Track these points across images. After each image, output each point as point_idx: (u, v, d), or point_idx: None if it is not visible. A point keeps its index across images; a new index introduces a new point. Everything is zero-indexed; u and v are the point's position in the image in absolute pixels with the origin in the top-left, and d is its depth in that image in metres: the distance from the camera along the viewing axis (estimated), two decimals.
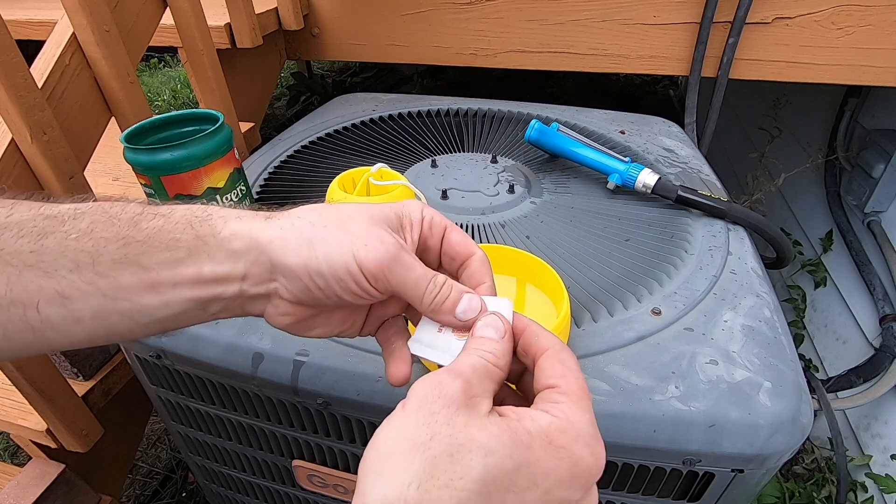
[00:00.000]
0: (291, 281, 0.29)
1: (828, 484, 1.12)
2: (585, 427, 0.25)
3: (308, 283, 0.29)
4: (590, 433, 0.25)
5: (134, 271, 0.27)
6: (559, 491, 0.23)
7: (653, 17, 1.03)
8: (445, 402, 0.23)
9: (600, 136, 0.91)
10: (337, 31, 1.21)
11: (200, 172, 0.56)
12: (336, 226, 0.29)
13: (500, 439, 0.23)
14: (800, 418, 0.46)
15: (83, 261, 0.26)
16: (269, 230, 0.29)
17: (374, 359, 0.51)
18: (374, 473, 0.22)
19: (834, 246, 1.30)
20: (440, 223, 0.33)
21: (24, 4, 1.15)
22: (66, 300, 0.26)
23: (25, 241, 0.25)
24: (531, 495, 0.22)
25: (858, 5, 0.93)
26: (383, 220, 0.31)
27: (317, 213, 0.30)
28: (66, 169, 0.66)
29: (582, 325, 0.53)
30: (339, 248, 0.28)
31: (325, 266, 0.28)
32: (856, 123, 1.28)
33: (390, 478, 0.22)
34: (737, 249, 0.65)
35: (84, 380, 0.76)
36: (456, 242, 0.32)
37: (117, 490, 0.89)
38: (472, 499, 0.21)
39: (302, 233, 0.29)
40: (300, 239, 0.29)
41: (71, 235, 0.26)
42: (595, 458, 0.24)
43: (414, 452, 0.22)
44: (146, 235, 0.27)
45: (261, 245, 0.29)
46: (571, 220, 0.70)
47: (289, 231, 0.29)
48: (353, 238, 0.29)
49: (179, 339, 0.54)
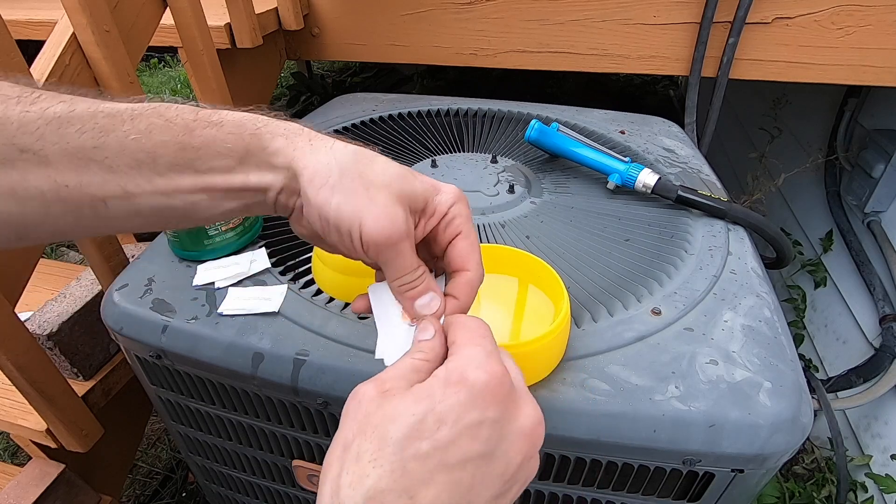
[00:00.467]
0: (308, 207, 0.31)
1: (828, 484, 1.12)
2: (475, 356, 0.27)
3: (315, 219, 0.31)
4: (479, 358, 0.27)
5: (189, 174, 0.30)
6: (468, 415, 0.25)
7: (653, 17, 1.03)
8: (359, 402, 0.27)
9: (600, 136, 0.91)
10: (337, 31, 1.21)
11: None
12: (362, 186, 0.30)
13: (403, 402, 0.25)
14: (800, 418, 0.46)
15: (143, 160, 0.28)
16: (306, 157, 0.31)
17: (374, 359, 0.50)
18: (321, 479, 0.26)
19: (834, 246, 1.30)
20: (456, 228, 0.33)
21: (24, 4, 1.15)
22: (130, 196, 0.29)
23: (88, 136, 0.27)
24: (443, 433, 0.24)
25: (858, 5, 0.93)
26: (410, 198, 0.31)
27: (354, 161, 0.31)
28: None
29: (582, 325, 0.53)
30: (353, 207, 0.30)
31: (333, 216, 0.30)
32: (856, 123, 1.28)
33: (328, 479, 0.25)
34: (737, 249, 0.65)
35: (84, 380, 0.76)
36: (458, 253, 0.33)
37: (117, 490, 0.89)
38: (391, 461, 0.24)
39: (331, 174, 0.30)
40: (327, 180, 0.30)
41: (130, 136, 0.28)
42: (488, 374, 0.26)
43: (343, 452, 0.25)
44: (201, 142, 0.30)
45: (296, 169, 0.31)
46: (571, 220, 0.70)
47: (322, 167, 0.31)
48: (369, 205, 0.30)
49: (179, 339, 0.54)
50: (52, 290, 0.88)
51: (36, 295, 0.86)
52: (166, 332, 0.54)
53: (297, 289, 0.58)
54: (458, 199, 0.34)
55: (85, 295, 0.77)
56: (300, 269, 0.62)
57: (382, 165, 0.32)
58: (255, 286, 0.58)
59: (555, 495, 0.53)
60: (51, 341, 0.71)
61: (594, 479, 0.50)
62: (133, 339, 0.56)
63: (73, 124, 0.27)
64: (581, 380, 0.48)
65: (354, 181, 0.30)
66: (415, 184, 0.32)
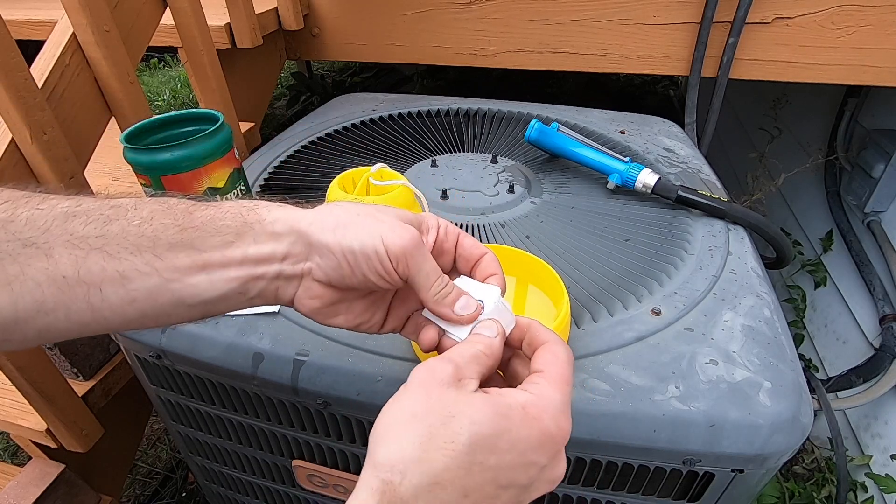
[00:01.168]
0: (325, 258, 0.32)
1: (828, 484, 1.12)
2: (556, 404, 0.29)
3: (340, 259, 0.32)
4: (558, 409, 0.29)
5: (188, 253, 0.30)
6: (531, 454, 0.28)
7: (653, 17, 1.03)
8: (438, 383, 0.28)
9: (600, 136, 0.91)
10: (337, 31, 1.21)
11: (200, 172, 0.56)
12: (367, 214, 0.33)
13: (484, 411, 0.27)
14: (800, 418, 0.46)
15: (143, 245, 0.29)
16: (308, 216, 0.33)
17: (374, 359, 0.51)
18: (382, 439, 0.27)
19: (834, 246, 1.30)
20: (454, 231, 0.37)
21: (24, 4, 1.15)
22: (126, 280, 0.29)
23: (92, 227, 0.28)
24: (509, 456, 0.27)
25: (858, 5, 0.93)
26: (410, 219, 0.35)
27: (352, 205, 0.34)
28: (66, 169, 0.66)
29: (582, 325, 0.53)
30: (370, 231, 0.32)
31: (356, 244, 0.32)
32: (856, 123, 1.28)
33: (394, 442, 0.26)
34: (737, 249, 0.65)
35: (84, 380, 0.76)
36: (469, 246, 0.37)
37: (117, 490, 0.89)
38: (461, 458, 0.26)
39: (339, 217, 0.33)
40: (337, 222, 0.32)
41: (133, 222, 0.29)
42: (559, 430, 0.29)
43: (413, 422, 0.27)
44: (200, 222, 0.31)
45: (300, 228, 0.32)
46: (571, 220, 0.70)
47: (327, 216, 0.33)
48: (382, 225, 0.32)
49: (179, 339, 0.54)
50: None
51: None
52: (166, 332, 0.54)
53: None
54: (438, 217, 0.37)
55: None
56: None
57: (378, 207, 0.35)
58: None
59: (555, 495, 0.53)
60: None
61: (594, 479, 0.50)
62: (133, 339, 0.56)
63: (79, 217, 0.28)
64: (581, 380, 0.48)
65: (361, 216, 0.33)
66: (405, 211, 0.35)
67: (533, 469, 0.28)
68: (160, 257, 0.30)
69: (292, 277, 0.33)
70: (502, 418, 0.27)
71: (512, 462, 0.27)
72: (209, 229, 0.31)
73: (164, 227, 0.30)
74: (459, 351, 0.31)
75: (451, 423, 0.27)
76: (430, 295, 0.33)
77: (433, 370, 0.29)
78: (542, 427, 0.28)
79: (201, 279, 0.31)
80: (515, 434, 0.27)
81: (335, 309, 0.35)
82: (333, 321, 0.36)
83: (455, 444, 0.26)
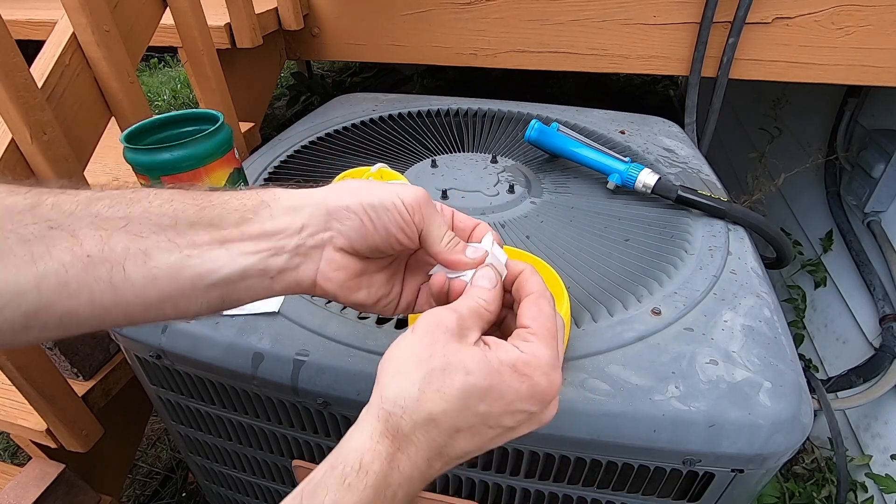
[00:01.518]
0: (346, 221, 0.34)
1: (828, 484, 1.12)
2: (546, 360, 0.32)
3: (361, 215, 0.34)
4: (549, 364, 0.32)
5: (207, 230, 0.32)
6: (519, 404, 0.31)
7: (653, 17, 1.03)
8: (443, 331, 0.31)
9: (600, 136, 0.91)
10: (337, 31, 1.21)
11: (200, 172, 0.56)
12: (377, 183, 0.36)
13: (479, 364, 0.30)
14: (800, 418, 0.46)
15: (165, 223, 0.30)
16: (323, 190, 0.35)
17: (374, 359, 0.51)
18: (391, 374, 0.31)
19: (834, 246, 1.30)
20: (448, 209, 0.40)
21: (24, 4, 1.15)
22: (147, 257, 0.30)
23: (116, 209, 0.30)
24: (498, 405, 0.31)
25: (858, 5, 0.93)
26: None
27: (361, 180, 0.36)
28: (66, 169, 0.66)
29: (582, 325, 0.53)
30: (386, 190, 0.35)
31: (375, 200, 0.34)
32: (856, 123, 1.28)
33: (402, 379, 0.30)
34: (737, 249, 0.65)
35: (84, 380, 0.76)
36: (463, 218, 0.39)
37: (117, 490, 0.89)
38: (454, 402, 0.30)
39: (353, 186, 0.35)
40: (352, 189, 0.35)
41: (154, 203, 0.31)
42: (550, 384, 0.32)
43: (419, 364, 0.30)
44: (219, 202, 0.32)
45: (316, 201, 0.34)
46: (571, 220, 0.70)
47: (340, 188, 0.35)
48: (393, 186, 0.35)
49: (179, 339, 0.54)
50: None
51: None
52: (166, 332, 0.54)
53: None
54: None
55: None
56: None
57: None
58: None
59: (555, 495, 0.53)
60: (51, 341, 0.71)
61: (594, 479, 0.50)
62: (133, 339, 0.56)
63: (103, 200, 0.30)
64: (581, 380, 0.48)
65: (372, 184, 0.35)
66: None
67: (521, 415, 0.32)
68: (180, 234, 0.31)
69: (313, 250, 0.34)
70: (494, 373, 0.31)
71: (501, 410, 0.31)
72: (227, 208, 0.32)
73: (185, 206, 0.31)
74: (464, 303, 0.33)
75: (449, 370, 0.30)
76: (443, 245, 0.36)
77: (440, 318, 0.32)
78: (531, 383, 0.31)
79: (220, 254, 0.32)
80: (505, 387, 0.31)
81: (358, 283, 0.36)
82: (356, 296, 0.37)
83: (450, 389, 0.30)
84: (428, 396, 0.30)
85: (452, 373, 0.30)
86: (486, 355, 0.31)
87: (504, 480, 0.52)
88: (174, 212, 0.31)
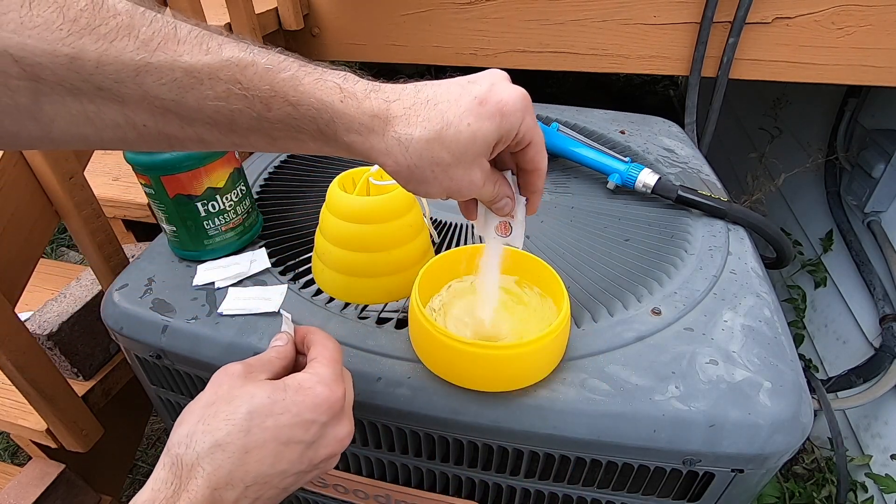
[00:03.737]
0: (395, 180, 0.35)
1: (828, 484, 1.12)
2: (326, 375, 0.36)
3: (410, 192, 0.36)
4: (330, 378, 0.36)
5: (262, 137, 0.32)
6: (307, 413, 0.34)
7: (653, 17, 1.03)
8: (228, 375, 0.35)
9: (600, 136, 0.91)
10: (337, 31, 1.21)
11: (200, 172, 0.56)
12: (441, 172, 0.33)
13: (263, 388, 0.34)
14: (800, 418, 0.46)
15: (220, 121, 0.30)
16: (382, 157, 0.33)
17: (374, 359, 0.51)
18: (178, 425, 0.33)
19: (834, 246, 1.30)
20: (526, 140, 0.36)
21: None
22: (205, 143, 0.31)
23: (166, 88, 0.28)
24: (284, 417, 0.33)
25: (858, 5, 0.93)
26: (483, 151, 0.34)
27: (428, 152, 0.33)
28: (66, 169, 0.66)
29: (582, 325, 0.53)
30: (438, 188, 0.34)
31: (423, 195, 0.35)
32: (856, 123, 1.28)
33: (185, 424, 0.33)
34: (737, 249, 0.65)
35: (84, 380, 0.76)
36: (530, 158, 0.37)
37: (117, 490, 0.89)
38: (241, 423, 0.32)
39: (412, 172, 0.33)
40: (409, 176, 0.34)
41: (208, 100, 0.29)
42: (331, 392, 0.35)
43: (204, 407, 0.34)
44: (276, 118, 0.31)
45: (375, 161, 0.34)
46: (571, 220, 0.70)
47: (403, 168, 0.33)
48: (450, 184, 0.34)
49: (179, 339, 0.54)
50: (52, 290, 0.88)
51: (36, 295, 0.86)
52: (166, 332, 0.54)
53: (297, 289, 0.58)
54: (524, 113, 0.34)
55: (85, 295, 0.77)
56: (300, 269, 0.62)
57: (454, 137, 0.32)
58: (255, 286, 0.58)
59: (555, 495, 0.53)
60: (51, 341, 0.71)
61: (594, 479, 0.50)
62: (133, 339, 0.56)
63: (151, 74, 0.27)
64: (581, 380, 0.48)
65: (433, 171, 0.33)
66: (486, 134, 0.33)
67: (313, 427, 0.34)
68: (236, 133, 0.31)
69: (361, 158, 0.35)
70: (279, 391, 0.34)
71: (289, 421, 0.33)
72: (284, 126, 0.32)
73: (241, 112, 0.30)
74: (256, 357, 0.38)
75: (234, 400, 0.33)
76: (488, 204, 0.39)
77: (227, 368, 0.36)
78: (314, 393, 0.34)
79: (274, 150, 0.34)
80: (290, 400, 0.34)
81: None
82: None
83: (236, 414, 0.32)
84: (213, 426, 0.32)
85: (237, 400, 0.33)
86: (272, 383, 0.35)
87: (504, 480, 0.52)
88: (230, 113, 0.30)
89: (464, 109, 0.32)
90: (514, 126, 0.34)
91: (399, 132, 0.32)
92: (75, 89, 0.26)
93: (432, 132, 0.32)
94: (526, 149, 0.36)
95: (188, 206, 0.58)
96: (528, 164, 0.38)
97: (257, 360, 0.37)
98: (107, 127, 0.28)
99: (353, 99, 0.32)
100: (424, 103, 0.33)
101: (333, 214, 0.55)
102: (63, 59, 0.25)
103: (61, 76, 0.26)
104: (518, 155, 0.37)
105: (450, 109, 0.32)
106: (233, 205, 0.61)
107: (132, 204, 0.91)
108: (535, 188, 0.39)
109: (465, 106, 0.32)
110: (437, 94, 0.33)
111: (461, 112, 0.32)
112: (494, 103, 0.33)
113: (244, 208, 0.62)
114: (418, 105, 0.33)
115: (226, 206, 0.60)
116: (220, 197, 0.59)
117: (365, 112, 0.32)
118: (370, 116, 0.32)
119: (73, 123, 0.27)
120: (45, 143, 0.28)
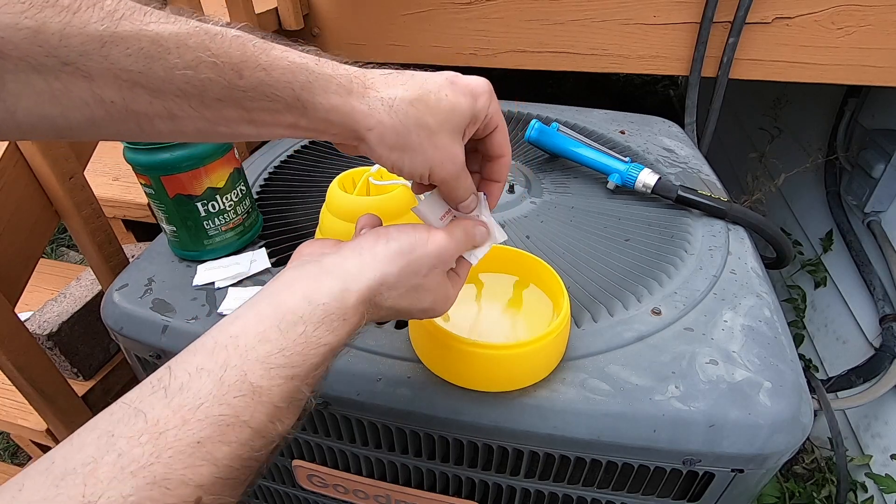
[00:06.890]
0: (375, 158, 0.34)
1: (828, 484, 1.12)
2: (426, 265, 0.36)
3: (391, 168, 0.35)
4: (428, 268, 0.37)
5: (235, 108, 0.31)
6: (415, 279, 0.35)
7: (653, 17, 1.03)
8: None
9: (600, 136, 0.91)
10: (337, 31, 1.21)
11: (200, 172, 0.56)
12: (426, 137, 0.33)
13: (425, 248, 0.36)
14: (800, 418, 0.46)
15: (190, 92, 0.29)
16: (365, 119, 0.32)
17: (374, 359, 0.51)
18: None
19: (834, 246, 1.30)
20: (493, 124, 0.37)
21: None
22: (174, 118, 0.29)
23: (133, 59, 0.27)
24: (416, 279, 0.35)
25: (858, 5, 0.93)
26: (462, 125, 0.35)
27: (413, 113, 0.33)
28: (66, 169, 0.66)
29: (582, 325, 0.53)
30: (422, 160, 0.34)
31: (406, 169, 0.34)
32: (856, 123, 1.28)
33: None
34: (737, 249, 0.65)
35: (84, 380, 0.76)
36: (497, 143, 0.38)
37: None
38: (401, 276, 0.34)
39: (397, 136, 0.33)
40: (395, 141, 0.33)
41: (177, 69, 0.28)
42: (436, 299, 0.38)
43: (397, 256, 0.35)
44: (248, 85, 0.30)
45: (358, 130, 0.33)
46: (571, 220, 0.70)
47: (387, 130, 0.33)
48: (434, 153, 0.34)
49: (179, 338, 0.54)
50: (52, 290, 0.88)
51: (36, 295, 0.86)
52: (166, 332, 0.54)
53: None
54: (490, 97, 0.36)
55: (85, 295, 0.77)
56: None
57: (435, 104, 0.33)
58: (255, 286, 0.58)
59: (555, 495, 0.53)
60: (51, 341, 0.71)
61: (594, 479, 0.50)
62: (133, 339, 0.56)
63: (117, 45, 0.27)
64: (581, 380, 0.48)
65: (419, 135, 0.33)
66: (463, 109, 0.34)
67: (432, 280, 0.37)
68: (207, 106, 0.30)
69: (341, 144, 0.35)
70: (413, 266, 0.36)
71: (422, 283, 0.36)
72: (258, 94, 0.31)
73: (211, 80, 0.29)
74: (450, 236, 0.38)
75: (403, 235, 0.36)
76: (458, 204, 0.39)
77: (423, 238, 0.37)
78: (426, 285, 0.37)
79: (250, 130, 0.32)
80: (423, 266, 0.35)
81: None
82: None
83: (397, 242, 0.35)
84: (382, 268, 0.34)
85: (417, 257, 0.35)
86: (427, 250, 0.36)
87: (504, 480, 0.52)
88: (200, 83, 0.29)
89: (440, 83, 0.34)
90: (483, 107, 0.35)
91: (381, 93, 0.32)
92: (40, 66, 0.25)
93: (415, 94, 0.33)
94: (494, 133, 0.38)
95: (188, 206, 0.58)
96: (495, 150, 0.38)
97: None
98: (74, 106, 0.27)
99: (328, 63, 0.32)
100: (399, 73, 0.34)
101: (333, 214, 0.55)
102: (26, 33, 0.25)
103: (25, 51, 0.25)
104: (486, 140, 0.38)
105: (427, 81, 0.34)
106: (233, 205, 0.61)
107: (132, 204, 0.91)
108: (501, 176, 0.40)
109: (440, 82, 0.34)
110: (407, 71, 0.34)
111: (438, 85, 0.33)
112: (464, 84, 0.34)
113: (244, 208, 0.62)
114: (393, 74, 0.34)
115: (226, 206, 0.60)
116: (220, 197, 0.59)
117: (342, 74, 0.32)
118: (348, 78, 0.32)
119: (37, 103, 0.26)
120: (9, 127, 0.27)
